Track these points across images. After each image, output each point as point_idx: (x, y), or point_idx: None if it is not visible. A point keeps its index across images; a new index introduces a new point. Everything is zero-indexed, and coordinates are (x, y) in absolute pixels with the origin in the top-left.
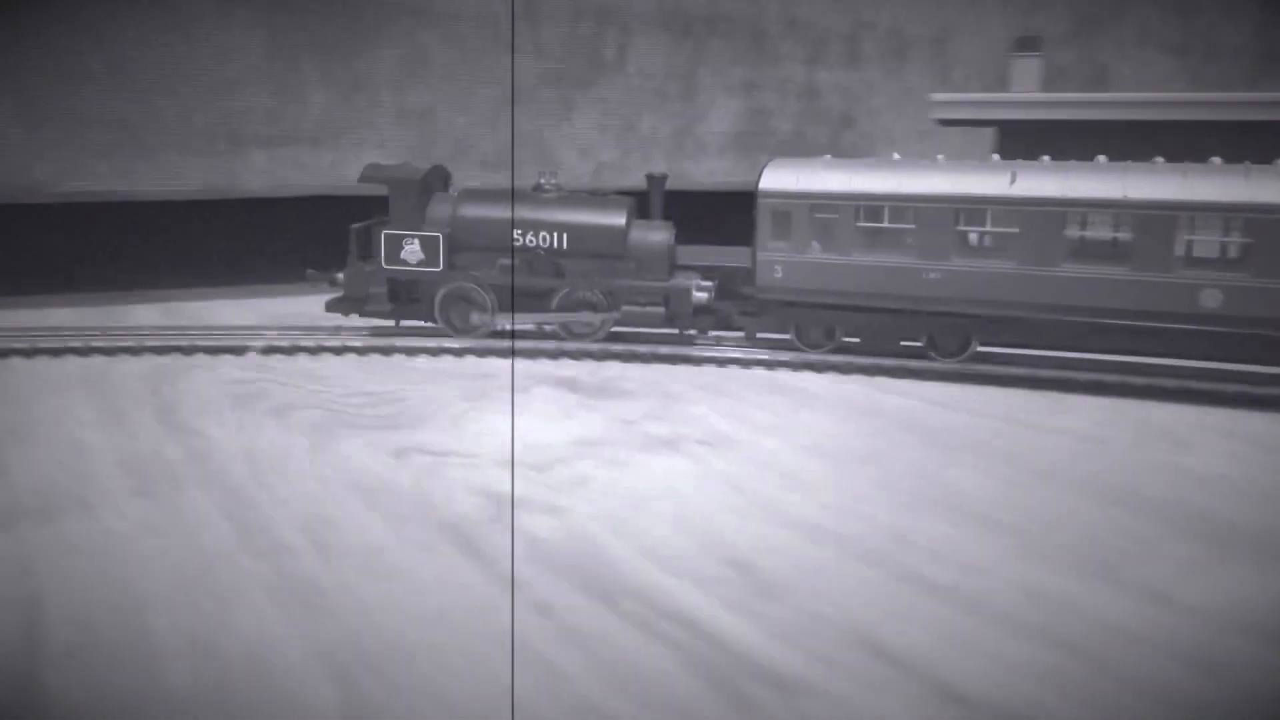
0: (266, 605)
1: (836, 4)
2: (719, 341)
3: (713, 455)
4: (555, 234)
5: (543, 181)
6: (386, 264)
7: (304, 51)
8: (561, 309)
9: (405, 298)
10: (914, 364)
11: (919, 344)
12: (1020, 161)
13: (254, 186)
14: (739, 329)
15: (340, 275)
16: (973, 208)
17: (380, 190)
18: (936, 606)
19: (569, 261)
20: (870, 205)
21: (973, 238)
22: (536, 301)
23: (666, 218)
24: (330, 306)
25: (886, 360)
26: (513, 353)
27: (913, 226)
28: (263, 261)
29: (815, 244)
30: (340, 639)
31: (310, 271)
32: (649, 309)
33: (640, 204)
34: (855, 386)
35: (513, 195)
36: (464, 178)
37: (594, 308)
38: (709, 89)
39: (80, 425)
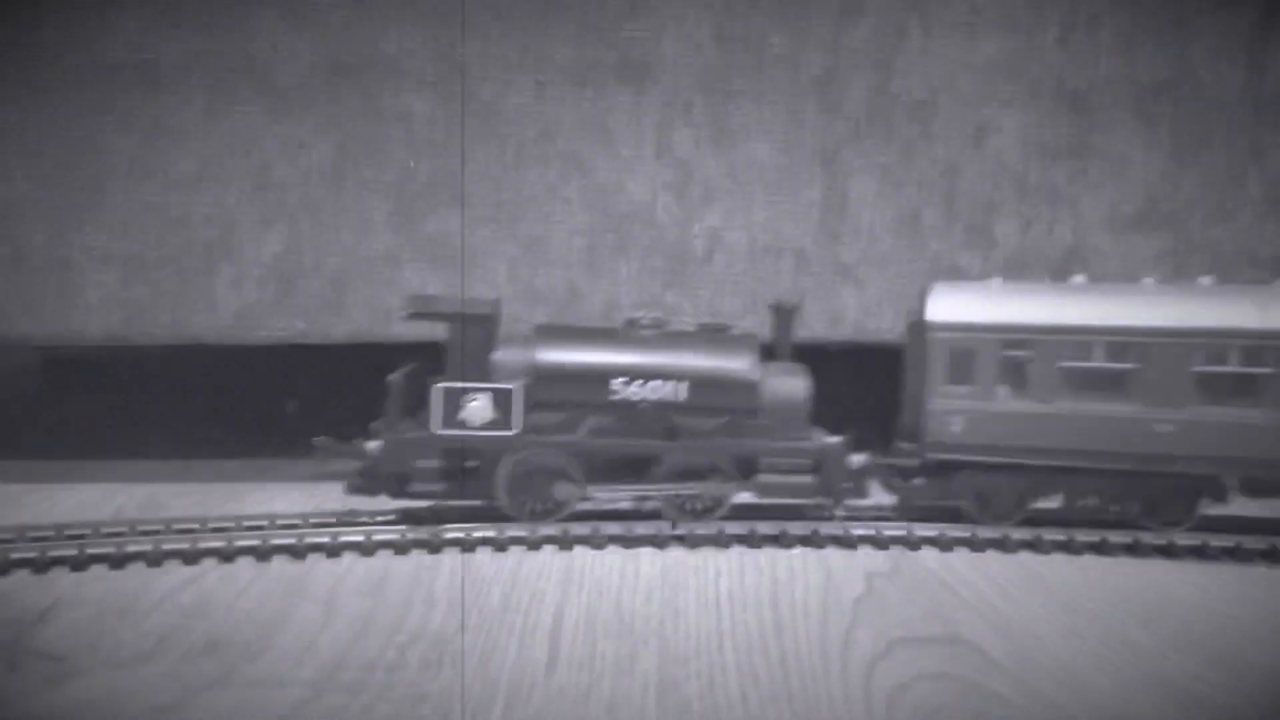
0: None
1: None
2: (851, 515)
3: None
4: (667, 383)
5: (640, 316)
6: (442, 427)
7: None
8: (670, 479)
9: (458, 471)
10: (1121, 537)
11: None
12: (1256, 285)
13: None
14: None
15: (371, 444)
16: (1214, 342)
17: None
18: None
19: (685, 418)
20: (1080, 340)
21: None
22: (627, 474)
23: (793, 359)
24: (354, 488)
25: (1086, 533)
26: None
27: (1137, 366)
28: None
29: (1003, 390)
30: None
31: (320, 439)
32: (792, 479)
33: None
34: (1069, 569)
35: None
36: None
37: (716, 476)
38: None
39: None
